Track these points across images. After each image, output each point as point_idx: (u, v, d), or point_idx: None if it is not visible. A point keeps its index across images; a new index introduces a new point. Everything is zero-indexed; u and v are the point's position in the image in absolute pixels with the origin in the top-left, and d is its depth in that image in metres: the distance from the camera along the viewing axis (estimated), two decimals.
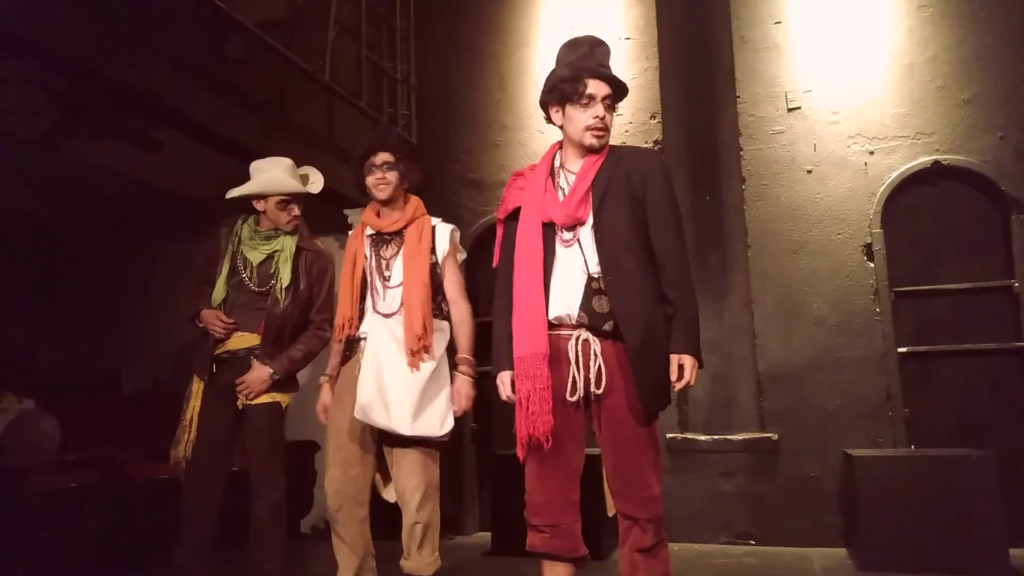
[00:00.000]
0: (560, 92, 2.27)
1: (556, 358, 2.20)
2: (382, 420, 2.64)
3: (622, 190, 2.24)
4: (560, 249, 2.26)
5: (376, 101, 5.01)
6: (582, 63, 2.25)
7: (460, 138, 5.37)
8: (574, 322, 2.21)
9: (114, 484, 3.82)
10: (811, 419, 4.37)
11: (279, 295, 3.01)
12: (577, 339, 2.19)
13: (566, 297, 2.22)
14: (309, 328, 3.09)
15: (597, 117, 2.24)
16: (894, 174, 4.44)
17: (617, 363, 2.17)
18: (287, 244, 3.07)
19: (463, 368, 2.79)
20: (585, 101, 2.24)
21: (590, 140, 2.26)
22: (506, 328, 2.30)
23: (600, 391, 2.16)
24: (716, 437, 4.44)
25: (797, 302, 4.51)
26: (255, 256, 3.04)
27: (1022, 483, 4.00)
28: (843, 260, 4.47)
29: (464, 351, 2.82)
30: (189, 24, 3.45)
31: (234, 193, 3.03)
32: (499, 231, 2.46)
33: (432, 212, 2.99)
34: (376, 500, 2.84)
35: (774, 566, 3.83)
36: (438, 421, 2.69)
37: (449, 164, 5.35)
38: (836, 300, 4.45)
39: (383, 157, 2.82)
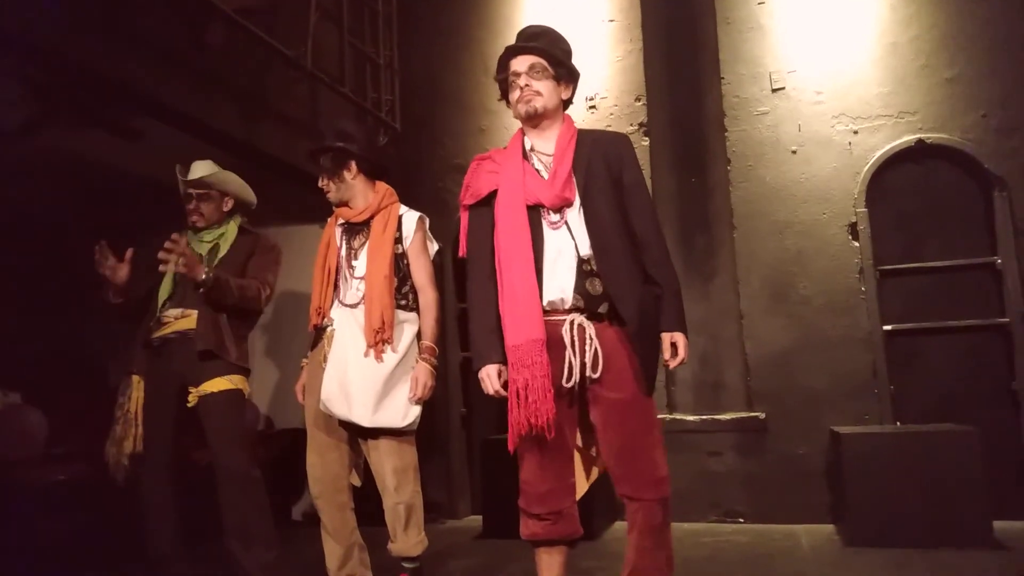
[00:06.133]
0: (502, 89, 2.34)
1: (550, 344, 2.14)
2: (343, 412, 2.65)
3: (602, 172, 2.24)
4: (548, 232, 2.21)
5: (359, 87, 4.97)
6: (504, 54, 2.31)
7: (445, 123, 5.34)
8: (567, 307, 2.17)
9: (102, 477, 3.80)
10: (798, 398, 4.41)
11: (211, 266, 2.98)
12: (572, 324, 2.15)
13: (558, 280, 2.18)
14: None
15: (520, 88, 2.25)
16: (878, 153, 4.46)
17: (612, 346, 2.15)
18: (230, 228, 3.10)
19: (425, 356, 2.77)
20: (512, 80, 2.28)
21: (520, 110, 2.27)
22: (489, 319, 2.22)
23: (596, 375, 2.13)
24: (704, 417, 4.47)
25: (783, 282, 4.54)
26: (203, 247, 3.05)
27: (1005, 457, 4.06)
28: (828, 240, 4.49)
29: (428, 338, 2.80)
30: (168, 11, 3.40)
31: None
32: (464, 218, 2.39)
33: (417, 198, 2.98)
34: (362, 486, 2.84)
35: (763, 543, 3.87)
36: (400, 412, 2.69)
37: (434, 149, 5.32)
38: (822, 280, 4.48)
39: (322, 161, 2.84)
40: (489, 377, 2.21)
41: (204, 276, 2.80)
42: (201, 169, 3.07)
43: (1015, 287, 4.17)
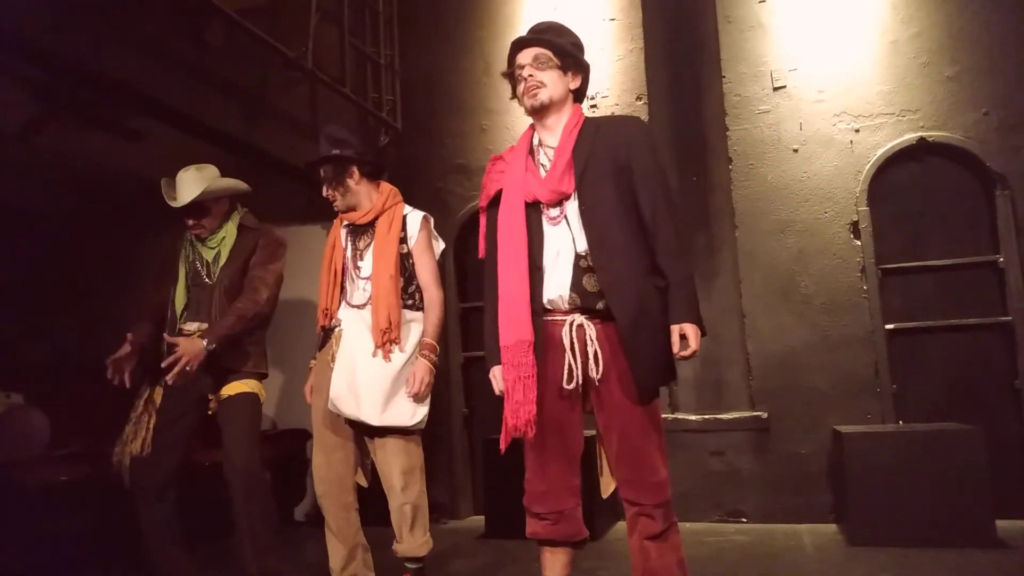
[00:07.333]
0: (512, 85, 2.29)
1: (550, 345, 2.11)
2: (351, 411, 2.66)
3: (605, 160, 2.14)
4: (548, 228, 2.16)
5: (360, 87, 4.96)
6: (511, 49, 2.27)
7: (446, 123, 5.34)
8: (566, 306, 2.13)
9: (105, 477, 3.80)
10: (800, 397, 4.41)
11: (215, 274, 2.97)
12: (571, 324, 2.10)
13: (557, 279, 2.14)
14: (244, 291, 2.98)
15: (524, 79, 2.20)
16: (880, 151, 4.45)
17: (615, 347, 2.09)
18: (229, 230, 3.07)
19: (424, 352, 2.77)
20: (517, 73, 2.24)
21: (526, 104, 2.23)
22: (496, 320, 2.20)
23: (598, 376, 2.08)
24: (707, 417, 4.47)
25: (785, 281, 4.53)
26: (209, 253, 3.05)
27: (1008, 456, 4.05)
28: (830, 239, 4.49)
29: (428, 336, 2.80)
30: (169, 11, 3.40)
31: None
32: (482, 220, 2.35)
33: (419, 198, 2.99)
34: (368, 487, 2.85)
35: (765, 543, 3.86)
36: (408, 411, 2.70)
37: (435, 150, 5.32)
38: (824, 279, 4.47)
39: (323, 172, 2.83)
40: (495, 379, 2.25)
41: (210, 348, 2.77)
42: (188, 188, 2.97)
43: (1017, 285, 4.15)
